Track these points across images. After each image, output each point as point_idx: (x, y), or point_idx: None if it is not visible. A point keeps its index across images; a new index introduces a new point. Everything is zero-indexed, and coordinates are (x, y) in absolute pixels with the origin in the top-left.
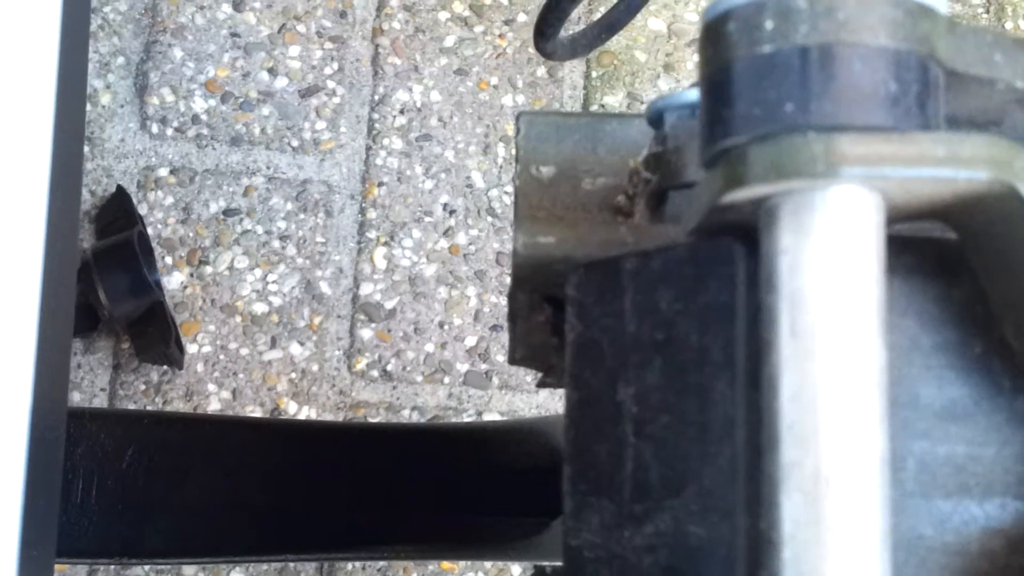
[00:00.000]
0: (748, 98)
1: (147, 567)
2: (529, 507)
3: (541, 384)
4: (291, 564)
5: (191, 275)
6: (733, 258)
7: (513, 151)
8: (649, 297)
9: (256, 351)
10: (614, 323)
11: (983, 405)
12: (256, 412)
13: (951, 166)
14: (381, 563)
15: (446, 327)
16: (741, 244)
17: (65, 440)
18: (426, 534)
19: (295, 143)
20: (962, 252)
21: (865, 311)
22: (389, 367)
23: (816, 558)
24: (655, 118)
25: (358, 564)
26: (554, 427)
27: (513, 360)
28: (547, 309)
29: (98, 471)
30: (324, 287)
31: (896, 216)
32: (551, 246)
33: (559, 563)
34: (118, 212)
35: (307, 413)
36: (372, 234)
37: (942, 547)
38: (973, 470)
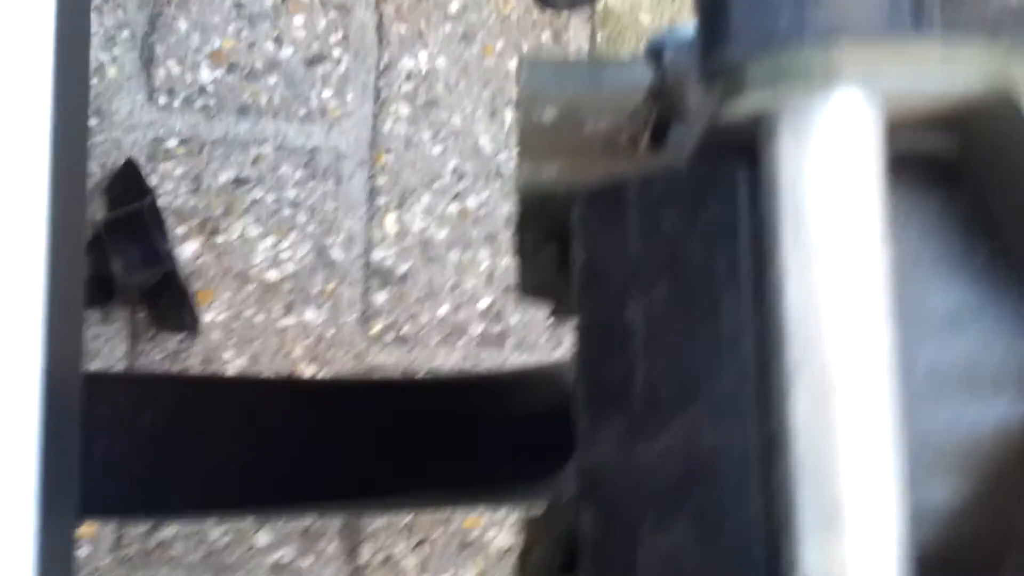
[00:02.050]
0: (744, 10)
1: (172, 533)
2: (546, 450)
3: (553, 314)
4: (315, 526)
5: (203, 245)
6: (734, 176)
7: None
8: (653, 220)
9: (271, 318)
10: (619, 247)
11: (990, 309)
12: None
13: (948, 70)
14: (405, 520)
15: (459, 290)
16: (742, 162)
17: (83, 403)
18: (444, 482)
19: (302, 112)
20: (962, 163)
21: (866, 212)
22: (404, 331)
23: (827, 455)
24: (655, 52)
25: (382, 521)
26: (568, 370)
27: (522, 292)
28: (552, 244)
29: (118, 432)
30: (336, 253)
31: (896, 129)
32: (555, 179)
33: None
34: (128, 184)
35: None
36: (382, 200)
37: (952, 448)
38: (981, 372)
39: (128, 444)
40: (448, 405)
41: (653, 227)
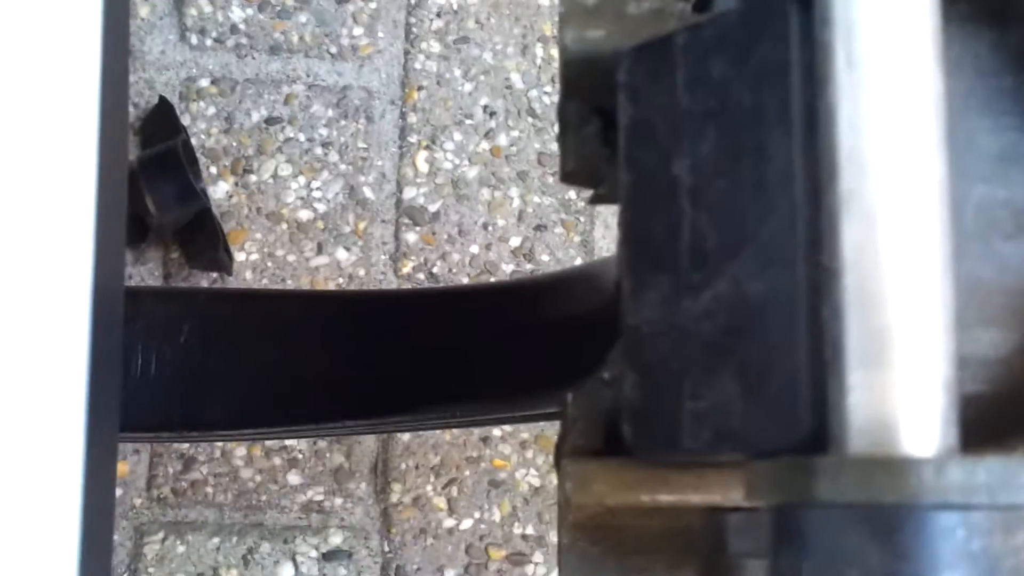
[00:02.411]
0: None
1: (204, 473)
2: (583, 351)
3: (593, 200)
4: (345, 466)
5: (236, 184)
6: (786, 13)
7: (552, 51)
8: (701, 67)
9: (303, 257)
10: (667, 100)
11: None
12: None
13: None
14: (435, 460)
15: (490, 228)
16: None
17: (123, 317)
18: (482, 389)
19: (333, 50)
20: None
21: (920, 38)
22: (435, 269)
23: (876, 286)
24: None
25: (411, 461)
26: (605, 267)
27: (564, 174)
28: (597, 120)
29: (156, 347)
30: (368, 192)
31: None
32: (600, 40)
33: None
34: (162, 123)
35: None
36: (413, 138)
37: (1002, 289)
38: None
39: (165, 358)
40: (487, 313)
41: (702, 75)
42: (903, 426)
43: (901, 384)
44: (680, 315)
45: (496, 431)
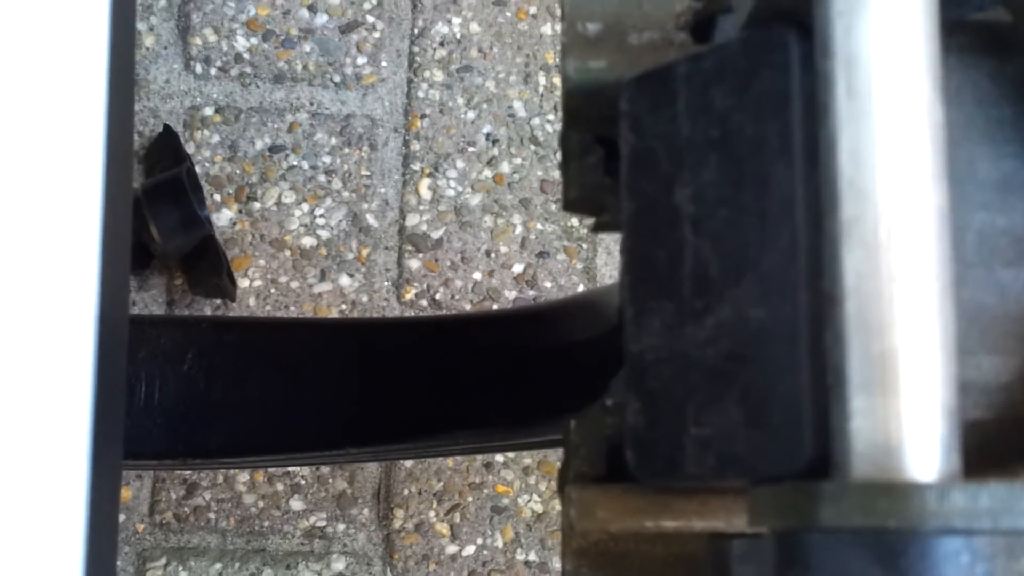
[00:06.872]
0: None
1: (207, 499)
2: (585, 379)
3: (596, 228)
4: (347, 492)
5: (240, 211)
6: (787, 43)
7: (554, 79)
8: (703, 97)
9: (306, 284)
10: (668, 129)
11: None
12: None
13: None
14: (437, 486)
15: (493, 255)
16: (794, 29)
17: (127, 346)
18: (485, 418)
19: (337, 78)
20: (1016, 30)
21: (920, 67)
22: (438, 296)
23: (879, 308)
24: None
25: (414, 488)
26: (607, 295)
27: (567, 203)
28: (599, 150)
29: (160, 375)
30: (371, 219)
31: None
32: (602, 70)
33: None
34: (165, 151)
35: None
36: (416, 166)
37: (1004, 315)
38: None
39: (169, 386)
40: (489, 340)
41: (703, 104)
42: (906, 451)
43: (904, 409)
44: (683, 342)
45: (499, 457)
